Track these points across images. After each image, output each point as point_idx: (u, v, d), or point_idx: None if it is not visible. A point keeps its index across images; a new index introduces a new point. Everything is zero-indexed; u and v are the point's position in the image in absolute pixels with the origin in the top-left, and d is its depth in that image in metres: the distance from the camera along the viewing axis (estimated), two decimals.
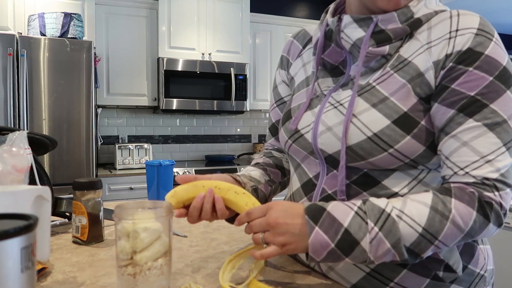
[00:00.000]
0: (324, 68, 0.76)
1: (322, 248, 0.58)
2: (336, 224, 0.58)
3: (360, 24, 0.67)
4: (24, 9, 2.76)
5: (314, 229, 0.58)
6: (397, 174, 0.66)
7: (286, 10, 3.93)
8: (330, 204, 0.61)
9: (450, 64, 0.60)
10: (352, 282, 0.69)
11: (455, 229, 0.57)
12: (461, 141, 0.60)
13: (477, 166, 0.59)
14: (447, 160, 0.62)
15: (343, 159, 0.66)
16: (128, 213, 0.59)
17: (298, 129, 0.74)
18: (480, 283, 0.69)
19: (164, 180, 1.23)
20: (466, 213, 0.57)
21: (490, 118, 0.58)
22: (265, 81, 3.61)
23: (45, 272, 0.70)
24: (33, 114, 2.55)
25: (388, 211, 0.58)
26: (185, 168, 3.06)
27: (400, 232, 0.57)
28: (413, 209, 0.58)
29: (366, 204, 0.59)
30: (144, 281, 0.59)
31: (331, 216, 0.59)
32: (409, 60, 0.64)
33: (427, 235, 0.57)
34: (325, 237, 0.58)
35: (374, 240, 0.57)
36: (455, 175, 0.61)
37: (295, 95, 0.80)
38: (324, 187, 0.70)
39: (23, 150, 0.81)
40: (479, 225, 0.58)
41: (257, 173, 0.85)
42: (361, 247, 0.57)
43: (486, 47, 0.59)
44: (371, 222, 0.57)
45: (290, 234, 0.59)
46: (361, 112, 0.65)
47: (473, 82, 0.59)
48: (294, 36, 0.89)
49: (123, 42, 3.13)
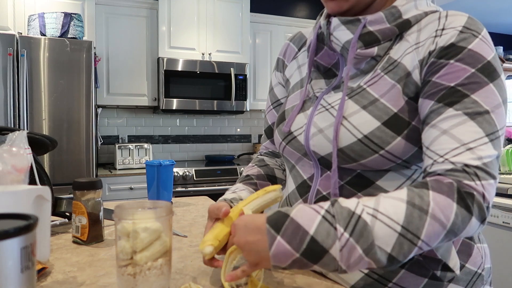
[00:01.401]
0: (317, 70, 0.76)
1: (286, 258, 0.54)
2: (300, 232, 0.53)
3: (348, 26, 0.67)
4: (24, 9, 2.76)
5: (276, 239, 0.54)
6: (390, 174, 0.66)
7: (286, 10, 3.93)
8: (294, 209, 0.56)
9: (432, 60, 0.60)
10: (350, 283, 0.69)
11: (436, 224, 0.52)
12: (441, 130, 0.57)
13: (457, 153, 0.55)
14: (428, 150, 0.58)
15: (335, 162, 0.66)
16: (128, 213, 0.59)
17: (291, 131, 0.74)
18: (478, 281, 0.70)
19: (164, 180, 1.23)
20: (446, 205, 0.52)
21: (471, 108, 0.56)
22: (265, 81, 3.61)
23: (45, 272, 0.71)
24: (33, 114, 2.55)
25: (359, 213, 0.53)
26: (185, 168, 3.06)
27: (374, 235, 0.51)
28: (388, 206, 0.53)
29: (334, 206, 0.54)
30: (144, 281, 0.59)
31: (295, 223, 0.54)
32: (398, 61, 0.65)
33: (408, 234, 0.51)
34: (287, 247, 0.53)
35: (344, 247, 0.51)
36: (435, 163, 0.57)
37: (290, 96, 0.81)
38: (319, 188, 0.71)
39: (23, 150, 0.81)
40: (461, 218, 0.52)
41: (247, 193, 0.81)
42: (331, 255, 0.52)
43: (470, 42, 0.58)
44: (340, 227, 0.52)
45: (254, 252, 0.56)
46: (351, 114, 0.65)
47: (454, 73, 0.58)
48: (290, 39, 0.90)
49: (123, 42, 3.13)
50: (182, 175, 3.00)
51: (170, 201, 1.26)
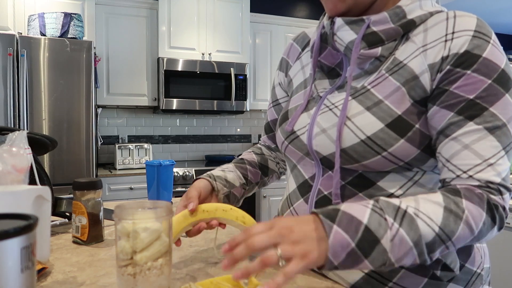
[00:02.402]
0: (321, 70, 0.76)
1: (342, 250, 0.51)
2: (355, 221, 0.52)
3: (351, 26, 0.67)
4: (24, 9, 2.76)
5: (333, 228, 0.52)
6: (392, 175, 0.66)
7: (286, 10, 3.93)
8: (341, 205, 0.56)
9: (447, 67, 0.60)
10: (351, 283, 0.69)
11: (467, 230, 0.56)
12: (463, 144, 0.59)
13: (480, 169, 0.58)
14: (448, 163, 0.61)
15: (338, 163, 0.66)
16: (128, 213, 0.59)
17: (294, 130, 0.74)
18: (477, 281, 0.70)
19: (164, 180, 1.23)
20: (477, 215, 0.57)
21: (491, 122, 0.58)
22: (265, 81, 3.61)
23: (45, 272, 0.71)
24: (33, 114, 2.55)
25: (404, 208, 0.55)
26: (185, 168, 3.06)
27: (420, 229, 0.54)
28: (428, 207, 0.55)
29: (379, 202, 0.56)
30: (144, 281, 0.59)
31: (348, 214, 0.53)
32: (405, 63, 0.64)
33: (443, 235, 0.55)
34: (345, 236, 0.51)
35: (395, 237, 0.52)
36: (458, 178, 0.60)
37: (293, 96, 0.81)
38: (320, 188, 0.71)
39: (23, 150, 0.81)
40: (487, 227, 0.58)
41: (234, 176, 0.84)
42: (382, 246, 0.52)
43: (484, 50, 0.59)
44: (390, 217, 0.53)
45: (308, 239, 0.51)
46: (355, 115, 0.65)
47: (472, 85, 0.59)
48: (294, 39, 0.90)
49: (123, 42, 3.13)
50: (182, 175, 3.00)
51: (170, 201, 1.26)
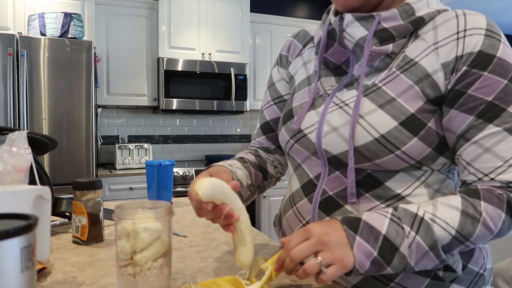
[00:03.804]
0: (326, 67, 0.75)
1: (366, 258, 0.56)
2: (374, 232, 0.57)
3: (362, 22, 0.67)
4: (24, 9, 2.76)
5: (356, 239, 0.56)
6: (400, 175, 0.66)
7: (286, 10, 3.93)
8: (363, 214, 0.60)
9: (464, 68, 0.61)
10: (352, 283, 0.69)
11: (486, 230, 0.59)
12: (484, 147, 0.61)
13: (502, 171, 0.60)
14: (469, 166, 0.63)
15: (352, 161, 0.65)
16: (128, 213, 0.59)
17: (301, 129, 0.73)
18: (480, 282, 0.70)
19: (164, 180, 1.23)
20: (496, 215, 0.59)
21: (509, 122, 0.60)
22: (265, 81, 3.61)
23: (45, 272, 0.70)
24: (33, 114, 2.55)
25: (421, 215, 0.58)
26: (185, 168, 3.06)
27: (436, 235, 0.57)
28: (445, 213, 0.58)
29: (398, 211, 0.59)
30: (144, 281, 0.59)
31: (368, 224, 0.58)
32: (416, 61, 0.64)
33: (460, 237, 0.58)
34: (367, 245, 0.56)
35: (412, 244, 0.56)
36: (480, 181, 0.62)
37: (296, 94, 0.79)
38: (325, 188, 0.70)
39: (23, 150, 0.81)
40: (507, 225, 0.60)
41: (242, 174, 0.78)
42: (401, 253, 0.56)
43: (497, 49, 0.60)
44: (407, 226, 0.57)
45: (344, 246, 0.56)
46: (368, 113, 0.64)
47: (489, 86, 0.60)
48: (294, 36, 0.88)
49: (123, 42, 3.13)
50: (182, 175, 3.00)
51: (170, 201, 1.26)
